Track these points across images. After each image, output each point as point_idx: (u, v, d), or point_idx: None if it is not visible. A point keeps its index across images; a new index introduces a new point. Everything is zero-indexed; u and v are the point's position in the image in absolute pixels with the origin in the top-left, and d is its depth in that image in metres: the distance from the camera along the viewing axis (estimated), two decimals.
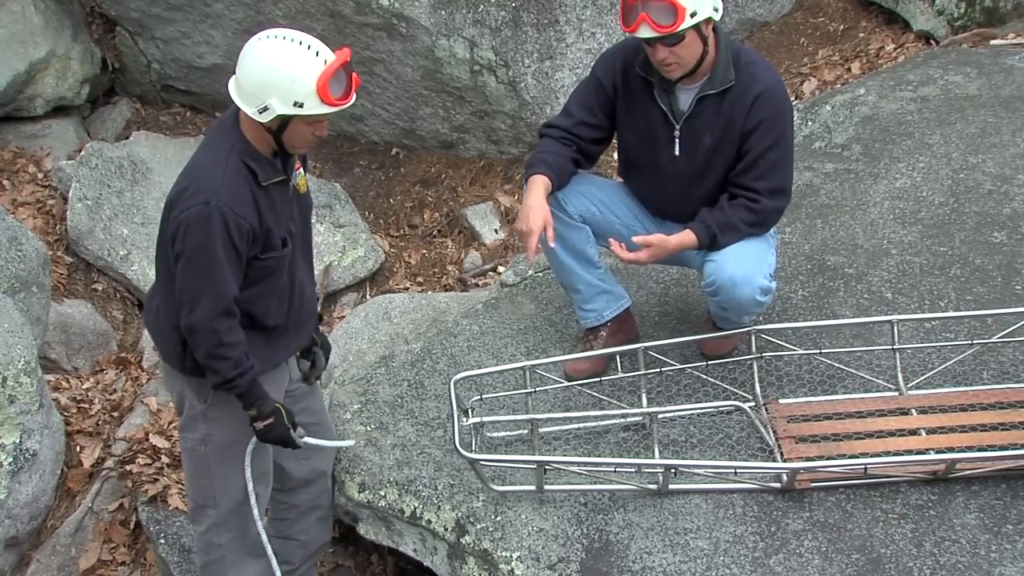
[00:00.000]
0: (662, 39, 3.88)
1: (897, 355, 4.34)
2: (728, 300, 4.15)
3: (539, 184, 4.13)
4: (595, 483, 4.07)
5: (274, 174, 3.61)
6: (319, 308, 4.28)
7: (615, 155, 4.53)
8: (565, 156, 4.23)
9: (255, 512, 3.86)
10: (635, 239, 4.14)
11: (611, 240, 4.18)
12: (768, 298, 4.22)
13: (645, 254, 4.12)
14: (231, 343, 3.57)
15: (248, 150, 3.56)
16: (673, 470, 3.98)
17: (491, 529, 4.02)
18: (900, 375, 4.32)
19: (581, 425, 4.33)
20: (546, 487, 4.04)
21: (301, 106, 3.43)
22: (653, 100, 4.12)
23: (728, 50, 4.05)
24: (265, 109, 3.45)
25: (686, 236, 4.12)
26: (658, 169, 4.23)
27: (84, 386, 5.77)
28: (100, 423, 5.49)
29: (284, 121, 3.49)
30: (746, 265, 4.10)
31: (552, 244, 4.17)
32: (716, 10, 3.92)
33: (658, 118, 4.14)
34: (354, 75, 3.52)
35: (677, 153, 4.15)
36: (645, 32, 3.88)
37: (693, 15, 3.84)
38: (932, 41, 7.04)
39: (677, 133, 4.12)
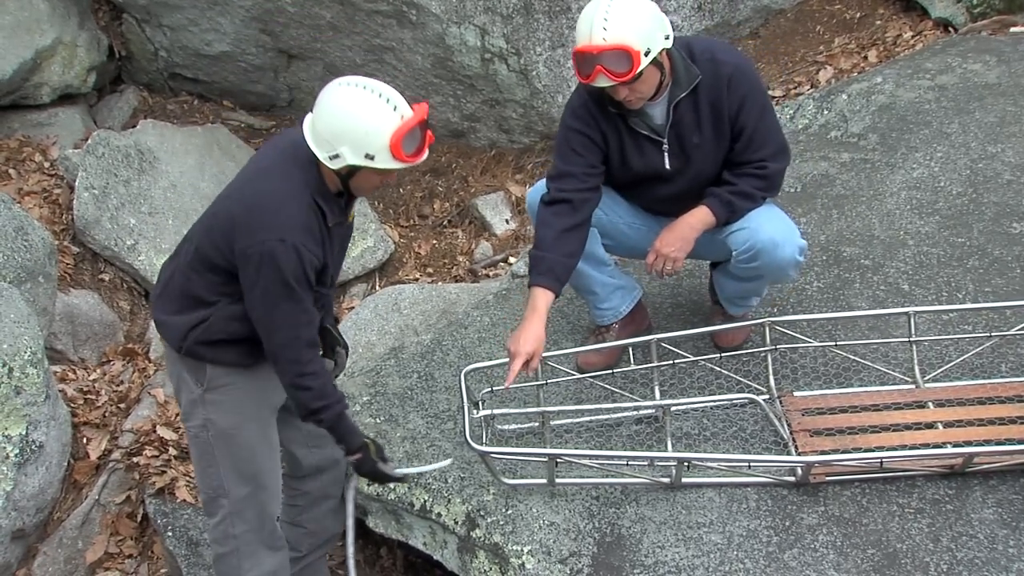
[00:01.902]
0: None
1: (914, 347, 4.29)
2: (768, 263, 4.09)
3: (541, 305, 4.00)
4: (607, 476, 4.05)
5: (339, 215, 3.65)
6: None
7: None
8: (577, 243, 4.09)
9: (350, 548, 4.04)
10: (647, 260, 4.14)
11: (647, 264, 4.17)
12: (804, 259, 4.20)
13: (659, 243, 4.08)
14: (313, 372, 3.61)
15: (320, 188, 3.57)
16: (686, 463, 3.95)
17: (502, 523, 4.00)
18: (917, 368, 4.28)
19: (593, 418, 4.31)
20: (557, 480, 4.02)
21: (372, 159, 3.45)
22: (632, 130, 4.06)
23: (680, 51, 3.98)
24: (336, 157, 3.46)
25: (701, 212, 4.07)
26: (652, 184, 4.19)
27: (91, 377, 5.77)
28: (107, 415, 5.47)
29: (353, 169, 3.51)
30: (782, 226, 4.09)
31: (529, 373, 4.08)
32: (667, 38, 3.85)
33: (645, 144, 4.08)
34: (429, 133, 3.54)
35: (667, 167, 4.10)
36: (603, 82, 3.82)
37: (647, 53, 3.77)
38: (951, 28, 6.96)
39: (666, 147, 4.07)
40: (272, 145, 3.77)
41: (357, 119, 3.42)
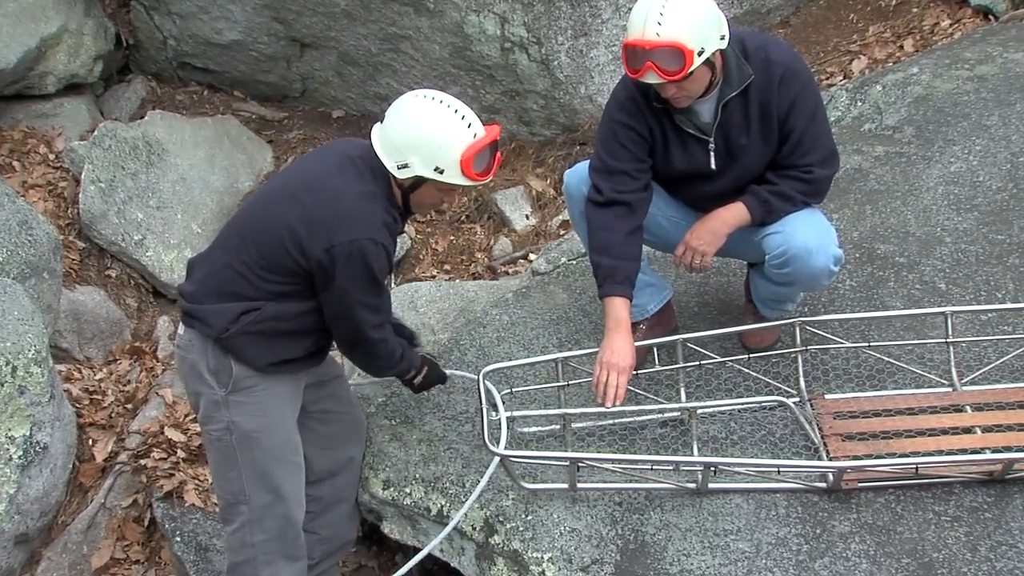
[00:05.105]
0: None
1: (951, 349, 4.24)
2: (800, 271, 4.04)
3: (626, 316, 4.01)
4: (631, 481, 4.01)
5: (398, 225, 3.79)
6: None
7: None
8: (640, 244, 4.11)
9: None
10: (676, 252, 4.15)
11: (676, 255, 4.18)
12: (839, 269, 4.15)
13: (690, 236, 4.07)
14: (388, 339, 3.91)
15: (392, 202, 3.73)
16: (713, 468, 3.92)
17: (521, 529, 3.96)
18: (954, 370, 4.23)
19: (616, 420, 4.26)
20: (579, 485, 3.98)
21: (441, 172, 3.60)
22: (677, 128, 4.02)
23: (733, 48, 3.92)
24: (405, 166, 3.61)
25: (737, 208, 4.04)
26: (694, 182, 4.15)
27: (97, 377, 5.78)
28: (113, 415, 5.47)
29: (418, 182, 3.66)
30: (819, 233, 4.02)
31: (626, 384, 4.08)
32: (723, 38, 3.79)
33: (690, 142, 4.04)
34: (498, 154, 3.71)
35: (714, 166, 4.06)
36: (652, 79, 3.77)
37: (701, 53, 3.71)
38: (991, 16, 6.93)
39: (712, 146, 4.03)
40: (328, 150, 3.93)
41: (432, 131, 3.57)
